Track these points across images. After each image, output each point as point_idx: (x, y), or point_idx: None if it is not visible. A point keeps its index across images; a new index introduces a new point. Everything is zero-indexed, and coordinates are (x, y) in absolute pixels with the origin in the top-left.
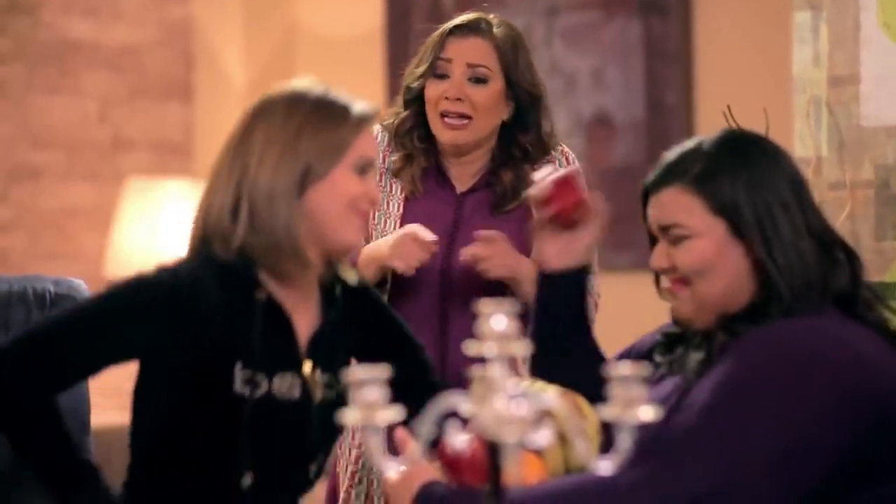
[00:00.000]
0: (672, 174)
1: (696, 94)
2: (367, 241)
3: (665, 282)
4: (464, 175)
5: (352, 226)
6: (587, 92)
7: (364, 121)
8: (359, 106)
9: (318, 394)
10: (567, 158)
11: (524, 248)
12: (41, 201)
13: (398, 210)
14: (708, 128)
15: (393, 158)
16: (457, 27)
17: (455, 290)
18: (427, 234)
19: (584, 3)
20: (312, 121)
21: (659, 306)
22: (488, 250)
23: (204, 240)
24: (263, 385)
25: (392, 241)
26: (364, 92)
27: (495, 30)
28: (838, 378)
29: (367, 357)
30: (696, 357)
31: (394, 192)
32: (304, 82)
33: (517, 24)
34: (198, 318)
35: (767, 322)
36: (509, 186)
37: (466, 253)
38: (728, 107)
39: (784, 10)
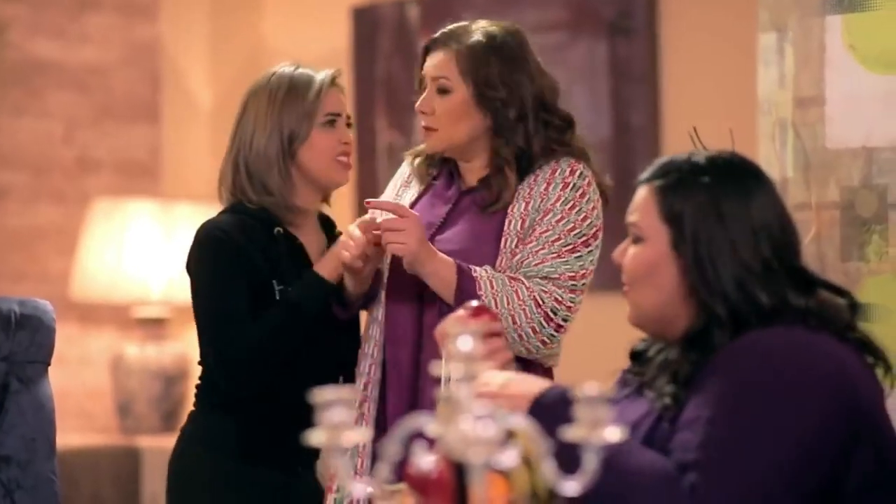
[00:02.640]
0: (651, 175)
1: (663, 115)
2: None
3: None
4: (469, 175)
5: (337, 170)
6: None
7: (325, 85)
8: (320, 74)
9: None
10: (572, 172)
11: (494, 251)
12: (7, 222)
13: (408, 202)
14: (674, 149)
15: (410, 153)
16: (431, 41)
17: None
18: (373, 222)
19: (551, 25)
20: (288, 97)
21: (622, 327)
22: (397, 223)
23: (234, 196)
24: None
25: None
26: None
27: (465, 39)
28: (826, 388)
29: None
30: (669, 390)
31: (410, 188)
32: (281, 66)
33: None
34: (246, 254)
35: (713, 347)
36: (495, 191)
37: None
38: (694, 128)
39: (749, 31)
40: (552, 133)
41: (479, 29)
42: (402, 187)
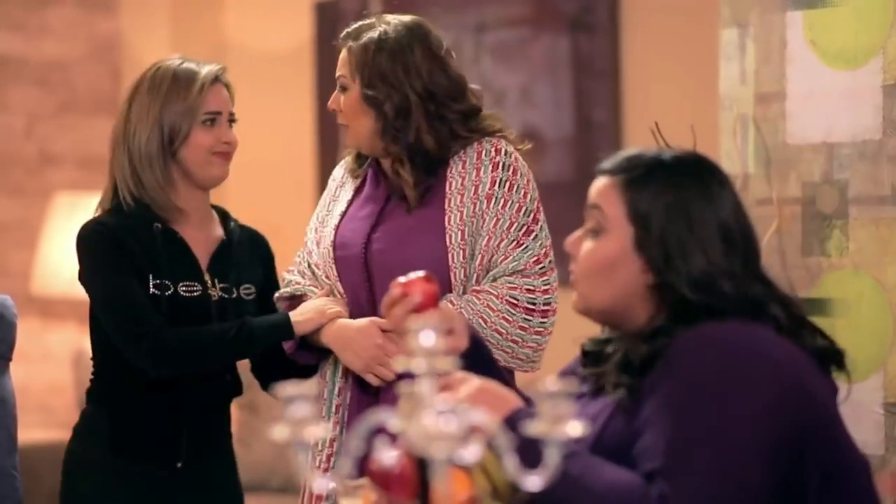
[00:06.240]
0: (619, 166)
1: (625, 110)
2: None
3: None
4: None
5: (214, 165)
6: (516, 108)
7: (207, 82)
8: (204, 69)
9: (215, 294)
10: (497, 151)
11: (436, 242)
12: None
13: (345, 204)
14: (636, 144)
15: (347, 150)
16: (341, 37)
17: (376, 270)
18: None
19: (513, 20)
20: (170, 92)
21: (587, 321)
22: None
23: (116, 193)
24: (171, 288)
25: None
26: (293, 105)
27: (361, 37)
28: (778, 383)
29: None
30: (625, 380)
31: (345, 188)
32: (168, 59)
33: (446, 39)
34: (124, 250)
35: (670, 339)
36: (406, 189)
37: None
38: (656, 123)
39: (711, 27)
40: (453, 125)
41: (377, 25)
42: (338, 189)
